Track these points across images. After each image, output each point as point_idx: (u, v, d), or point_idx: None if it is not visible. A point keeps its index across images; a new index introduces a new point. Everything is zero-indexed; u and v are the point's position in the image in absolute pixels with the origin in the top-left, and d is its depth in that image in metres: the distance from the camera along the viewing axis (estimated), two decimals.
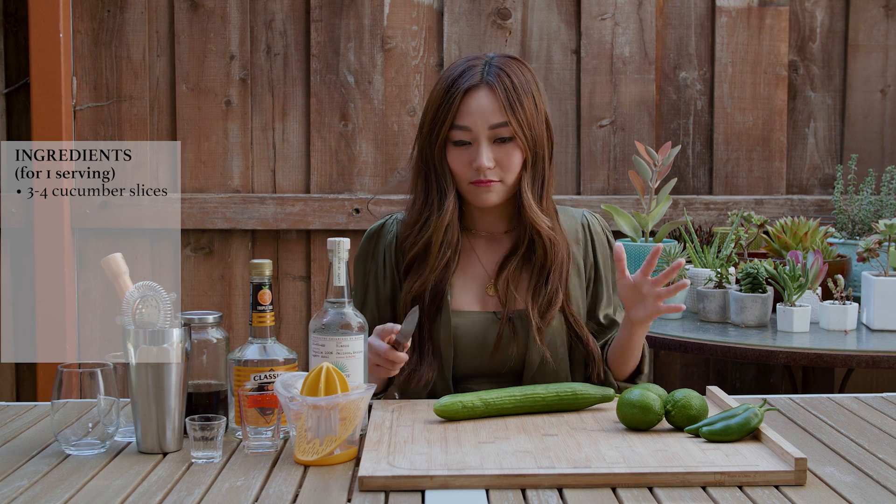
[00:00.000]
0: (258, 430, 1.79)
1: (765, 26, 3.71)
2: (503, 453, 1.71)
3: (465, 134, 2.10)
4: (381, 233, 2.25)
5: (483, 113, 2.09)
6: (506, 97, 2.09)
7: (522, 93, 2.11)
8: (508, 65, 2.14)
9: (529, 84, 2.14)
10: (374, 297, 2.24)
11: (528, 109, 2.11)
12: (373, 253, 2.25)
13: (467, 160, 2.11)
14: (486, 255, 2.21)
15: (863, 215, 3.35)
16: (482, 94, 2.10)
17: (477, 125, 2.09)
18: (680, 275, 3.12)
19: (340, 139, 3.70)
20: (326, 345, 1.87)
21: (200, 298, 3.71)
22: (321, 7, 3.67)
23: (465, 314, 2.17)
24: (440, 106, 2.12)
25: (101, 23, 3.67)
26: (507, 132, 2.10)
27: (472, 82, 2.11)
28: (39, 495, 1.59)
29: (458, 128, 2.11)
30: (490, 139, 2.10)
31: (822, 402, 2.13)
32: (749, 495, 1.57)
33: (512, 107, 2.09)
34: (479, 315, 2.18)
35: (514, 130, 2.09)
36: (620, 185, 3.72)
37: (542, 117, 2.15)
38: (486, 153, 2.09)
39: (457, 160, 2.12)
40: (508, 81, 2.11)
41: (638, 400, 1.83)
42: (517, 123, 2.09)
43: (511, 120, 2.09)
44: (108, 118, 3.69)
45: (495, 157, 2.10)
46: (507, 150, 2.11)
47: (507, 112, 2.09)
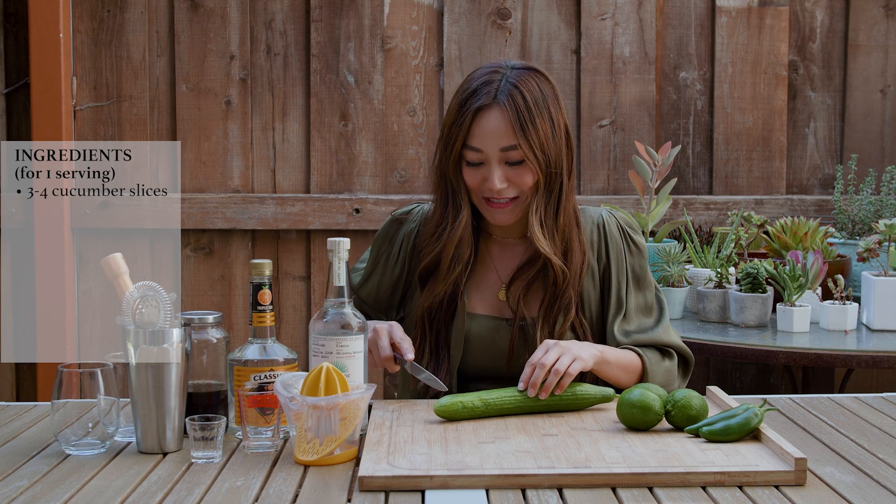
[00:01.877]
0: (258, 430, 1.79)
1: (765, 26, 3.71)
2: (503, 453, 1.71)
3: (477, 155, 2.09)
4: (405, 219, 2.26)
5: (494, 135, 2.07)
6: (517, 119, 2.05)
7: (536, 112, 2.07)
8: (524, 80, 2.09)
9: (546, 100, 2.09)
10: (378, 277, 2.25)
11: (542, 129, 2.07)
12: (392, 236, 2.25)
13: (480, 178, 2.10)
14: (500, 260, 2.21)
15: (863, 215, 3.35)
16: (493, 116, 2.07)
17: (488, 147, 2.07)
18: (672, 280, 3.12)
19: (340, 139, 3.70)
20: (326, 345, 1.87)
21: (200, 298, 3.71)
22: (321, 7, 3.67)
23: (477, 317, 2.18)
24: (453, 123, 2.10)
25: (101, 23, 3.67)
26: (518, 156, 2.07)
27: (484, 102, 2.07)
28: (39, 495, 1.59)
29: (469, 148, 2.09)
30: (501, 161, 2.08)
31: (822, 402, 2.13)
32: (749, 495, 1.57)
33: (524, 129, 2.05)
34: (491, 320, 2.18)
35: (524, 154, 2.06)
36: (620, 185, 3.72)
37: (561, 132, 2.11)
38: (497, 174, 2.07)
39: (471, 177, 2.11)
40: (521, 101, 2.06)
41: (638, 400, 1.83)
42: (528, 147, 2.06)
43: (522, 143, 2.05)
44: (108, 118, 3.69)
45: (508, 176, 2.08)
46: (519, 172, 2.08)
47: (518, 135, 2.05)
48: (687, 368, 2.21)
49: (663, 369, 2.15)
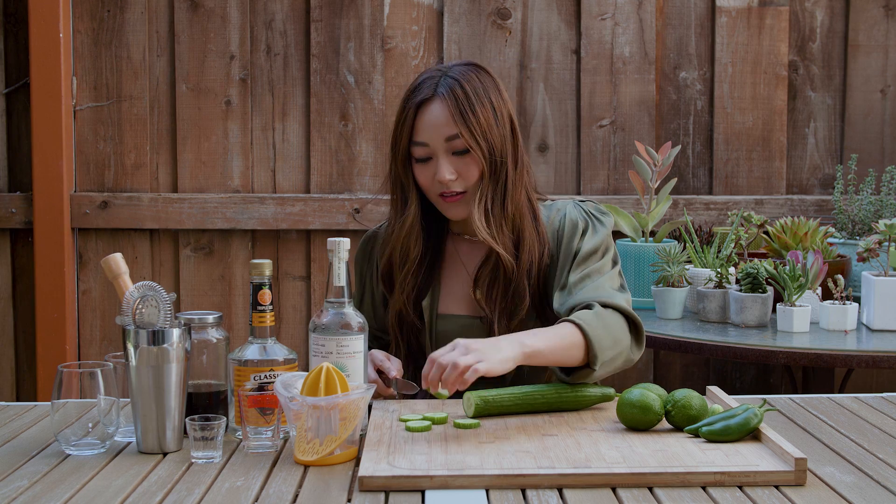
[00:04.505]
0: (258, 430, 1.79)
1: (765, 26, 3.71)
2: (503, 453, 1.71)
3: (424, 150, 2.11)
4: (376, 235, 2.30)
5: (437, 126, 2.09)
6: (457, 107, 2.08)
7: (476, 101, 2.10)
8: (464, 74, 2.12)
9: (486, 89, 2.12)
10: (369, 297, 2.30)
11: (483, 117, 2.09)
12: (369, 254, 2.30)
13: (431, 175, 2.12)
14: (468, 258, 2.22)
15: (863, 215, 3.35)
16: (435, 107, 2.10)
17: (433, 139, 2.10)
18: (672, 280, 3.11)
19: (340, 139, 3.70)
20: (326, 345, 1.87)
21: (200, 298, 3.71)
22: (321, 7, 3.67)
23: (452, 318, 2.19)
24: (399, 122, 2.14)
25: (101, 23, 3.67)
26: (462, 144, 2.09)
27: (425, 96, 2.11)
28: (39, 495, 1.59)
29: (416, 144, 2.12)
30: (447, 152, 2.10)
31: (822, 402, 2.13)
32: (749, 495, 1.57)
33: (464, 117, 2.08)
34: (465, 319, 2.19)
35: (467, 142, 2.08)
36: (620, 185, 3.72)
37: (505, 120, 2.13)
38: (445, 166, 2.10)
39: (422, 176, 2.14)
40: (460, 91, 2.09)
41: (638, 400, 1.83)
42: (469, 134, 2.08)
43: (463, 132, 2.08)
44: (108, 118, 3.69)
45: (456, 168, 2.10)
46: (465, 162, 2.10)
47: (459, 124, 2.08)
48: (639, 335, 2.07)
49: (603, 324, 2.00)
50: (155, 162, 3.70)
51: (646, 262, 3.21)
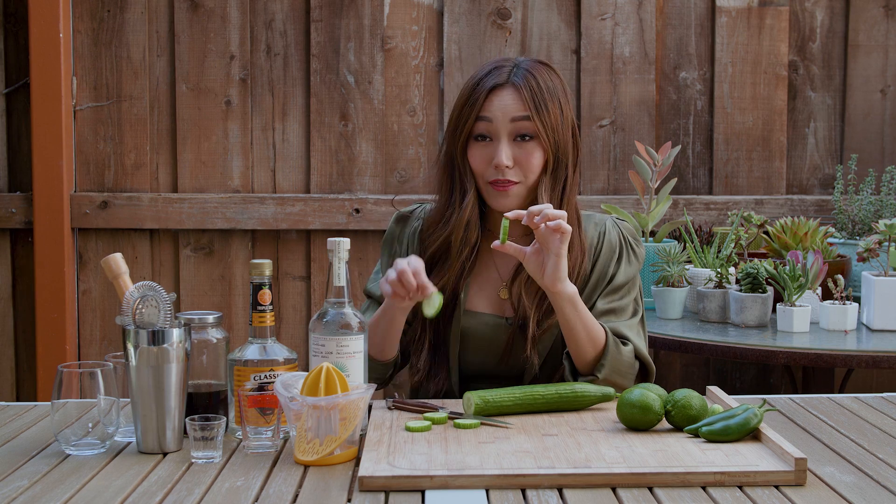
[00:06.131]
0: (258, 430, 1.79)
1: (765, 26, 3.71)
2: (503, 453, 1.71)
3: (486, 126, 2.09)
4: (409, 217, 2.27)
5: (506, 107, 2.08)
6: (531, 97, 2.08)
7: (549, 96, 2.09)
8: (537, 69, 2.12)
9: (556, 90, 2.11)
10: None
11: (553, 113, 2.09)
12: (399, 236, 2.26)
13: (487, 157, 2.10)
14: (502, 258, 2.20)
15: (863, 215, 3.35)
16: (507, 93, 2.09)
17: (498, 118, 2.08)
18: (672, 280, 3.12)
19: (340, 139, 3.70)
20: (326, 345, 1.87)
21: (200, 298, 3.71)
22: (321, 7, 3.67)
23: (478, 315, 2.18)
24: (465, 103, 2.11)
25: (101, 23, 3.67)
26: (530, 128, 2.08)
27: (498, 81, 2.10)
28: (39, 495, 1.59)
29: (481, 119, 2.09)
30: (511, 135, 2.08)
31: (822, 402, 2.13)
32: (749, 495, 1.57)
33: (537, 106, 2.07)
34: (491, 318, 2.18)
35: (536, 128, 2.07)
36: (620, 185, 3.72)
37: (568, 124, 2.13)
38: (504, 150, 2.07)
39: (477, 157, 2.11)
40: (535, 83, 2.09)
41: (638, 400, 1.83)
42: (540, 122, 2.07)
43: (534, 115, 2.07)
44: (108, 118, 3.70)
45: (515, 156, 2.08)
46: (527, 149, 2.08)
47: (531, 109, 2.07)
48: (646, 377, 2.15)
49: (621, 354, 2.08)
50: (155, 162, 3.70)
51: (646, 262, 3.21)
